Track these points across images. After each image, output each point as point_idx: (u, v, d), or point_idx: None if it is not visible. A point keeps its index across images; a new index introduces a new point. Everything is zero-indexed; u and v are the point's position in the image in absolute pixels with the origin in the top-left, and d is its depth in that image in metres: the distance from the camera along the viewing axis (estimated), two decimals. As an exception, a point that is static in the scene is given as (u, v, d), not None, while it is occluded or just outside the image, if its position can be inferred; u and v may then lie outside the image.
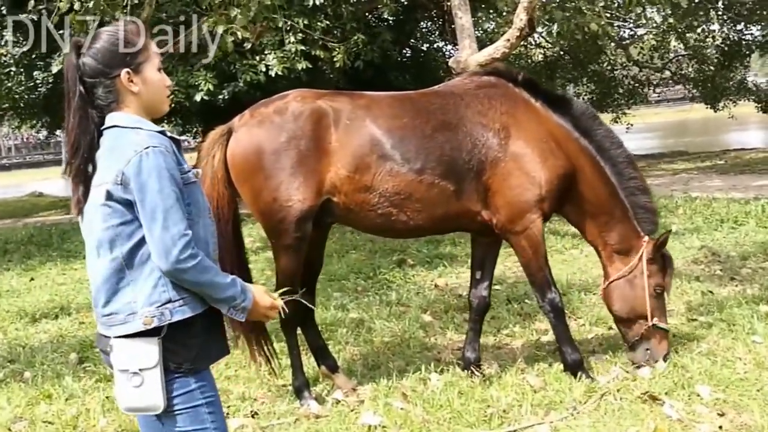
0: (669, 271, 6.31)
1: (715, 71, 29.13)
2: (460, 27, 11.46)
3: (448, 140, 5.96)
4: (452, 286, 9.67)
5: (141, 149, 3.17)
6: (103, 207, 3.23)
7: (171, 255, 3.14)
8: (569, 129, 6.19)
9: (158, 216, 3.14)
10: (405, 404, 5.75)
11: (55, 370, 7.22)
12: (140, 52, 3.37)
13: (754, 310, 7.44)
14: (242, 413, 5.92)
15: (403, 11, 22.91)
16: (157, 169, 3.16)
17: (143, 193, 3.15)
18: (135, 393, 3.23)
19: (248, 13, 9.09)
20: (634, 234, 6.25)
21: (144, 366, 3.22)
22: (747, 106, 30.77)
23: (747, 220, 12.41)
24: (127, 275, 3.25)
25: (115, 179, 3.18)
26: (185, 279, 3.21)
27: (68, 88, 3.32)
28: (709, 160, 25.46)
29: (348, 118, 5.93)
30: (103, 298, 3.29)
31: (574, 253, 11.26)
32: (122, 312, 3.25)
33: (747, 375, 5.96)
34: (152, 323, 3.21)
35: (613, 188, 6.23)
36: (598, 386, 5.87)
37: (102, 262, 3.28)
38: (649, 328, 6.17)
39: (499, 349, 7.09)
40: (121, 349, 3.26)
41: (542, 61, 31.40)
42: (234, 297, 3.32)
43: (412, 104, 6.16)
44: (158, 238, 3.15)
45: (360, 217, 6.08)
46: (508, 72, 6.49)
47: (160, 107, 3.49)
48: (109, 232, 3.24)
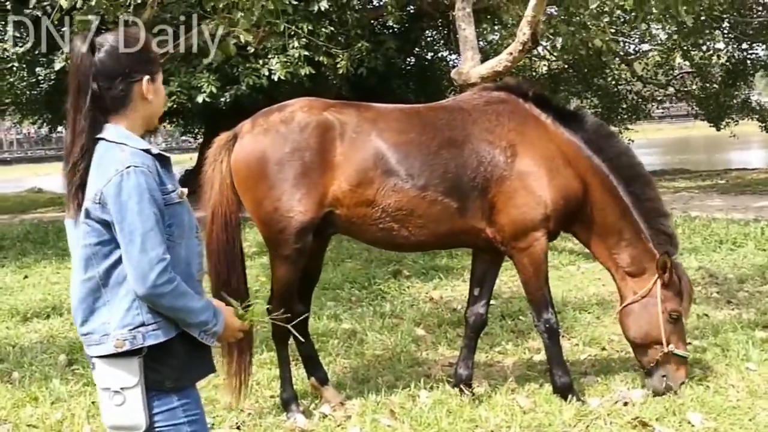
0: (686, 295, 6.10)
1: (719, 89, 29.08)
2: (464, 39, 11.42)
3: (453, 157, 5.89)
4: (447, 299, 9.61)
5: (122, 168, 3.11)
6: (82, 224, 3.21)
7: (148, 279, 3.09)
8: (580, 146, 6.10)
9: (136, 239, 3.08)
10: (392, 421, 5.70)
11: (44, 372, 7.16)
12: (156, 61, 3.38)
13: (750, 336, 7.35)
14: (227, 424, 5.87)
15: (409, 20, 22.93)
16: (137, 190, 3.10)
17: (122, 214, 3.10)
18: (117, 411, 3.22)
19: (251, 17, 9.02)
20: (647, 256, 6.09)
21: (125, 385, 3.19)
22: (750, 125, 30.71)
23: (746, 242, 12.32)
24: (103, 295, 3.23)
25: (94, 197, 3.15)
26: (161, 304, 3.15)
27: (78, 85, 3.23)
28: (710, 178, 25.40)
29: (354, 131, 5.87)
30: (80, 317, 3.26)
31: (571, 269, 11.18)
32: (97, 332, 3.24)
33: (739, 403, 5.89)
34: (124, 346, 3.17)
35: (626, 209, 6.09)
36: (588, 410, 5.80)
37: (79, 280, 3.25)
38: (666, 354, 6.00)
39: (490, 367, 7.02)
40: (102, 367, 3.23)
41: (547, 74, 31.36)
42: (206, 321, 3.27)
43: (419, 119, 6.11)
44: (136, 261, 3.09)
45: (361, 231, 6.04)
46: (518, 87, 6.39)
47: (157, 119, 3.49)
48: (87, 251, 3.21)
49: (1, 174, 52.77)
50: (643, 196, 6.14)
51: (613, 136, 6.34)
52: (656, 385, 6.06)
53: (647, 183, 6.23)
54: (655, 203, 6.20)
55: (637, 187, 6.13)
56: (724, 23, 25.47)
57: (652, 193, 6.21)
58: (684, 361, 6.09)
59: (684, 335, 6.17)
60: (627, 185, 6.11)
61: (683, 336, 6.14)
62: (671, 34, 25.36)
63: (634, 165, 6.22)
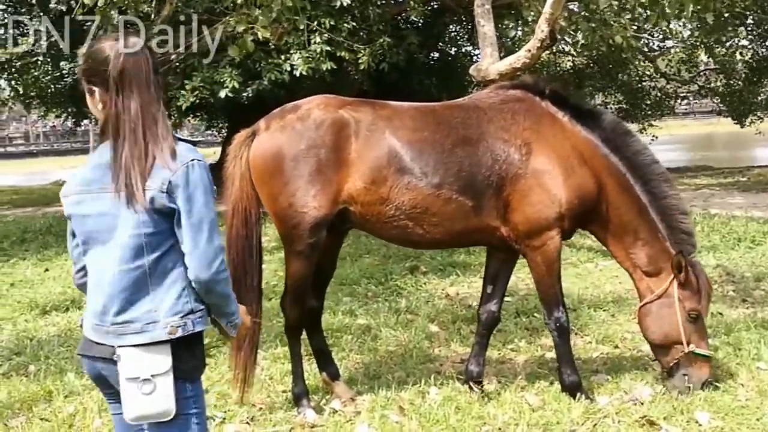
0: (704, 294, 6.05)
1: (743, 86, 28.89)
2: (482, 35, 11.41)
3: (468, 155, 5.92)
4: (463, 296, 9.64)
5: (188, 161, 3.28)
6: (138, 214, 3.26)
7: (213, 266, 3.28)
8: (597, 144, 6.09)
9: (204, 227, 3.26)
10: (401, 417, 5.75)
11: (59, 366, 7.27)
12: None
13: (762, 335, 7.35)
14: (239, 419, 5.93)
15: (432, 15, 22.85)
16: (202, 182, 3.29)
17: (190, 203, 3.26)
18: (145, 400, 3.26)
19: (270, 14, 9.07)
20: (665, 255, 6.06)
21: (156, 372, 3.27)
22: (775, 122, 30.54)
23: (765, 240, 12.30)
24: (149, 284, 3.31)
25: (161, 186, 3.25)
26: (217, 290, 3.36)
27: (146, 77, 3.34)
28: (731, 176, 25.23)
29: (368, 129, 5.92)
30: (117, 306, 3.31)
31: (589, 267, 11.19)
32: (140, 321, 3.30)
33: (748, 402, 5.90)
34: (177, 333, 3.29)
35: (642, 207, 6.08)
36: (596, 408, 5.82)
37: (120, 269, 3.30)
38: (687, 354, 5.98)
39: (502, 364, 7.05)
40: (131, 357, 3.29)
41: (571, 69, 31.28)
42: (235, 312, 3.51)
43: (434, 117, 6.13)
44: (203, 249, 3.26)
45: (376, 228, 6.10)
46: (535, 85, 6.39)
47: None
48: (138, 240, 3.28)
49: (27, 166, 53.16)
50: (661, 194, 6.11)
51: (630, 134, 6.29)
52: (678, 384, 6.03)
53: (665, 181, 6.19)
54: (674, 200, 6.16)
55: (654, 185, 6.11)
56: (748, 20, 25.27)
57: (670, 190, 6.17)
58: (706, 360, 6.04)
59: (705, 334, 6.13)
60: (644, 183, 6.10)
61: (704, 334, 6.11)
62: (693, 31, 25.17)
63: (652, 163, 6.18)
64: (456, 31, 28.47)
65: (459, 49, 28.68)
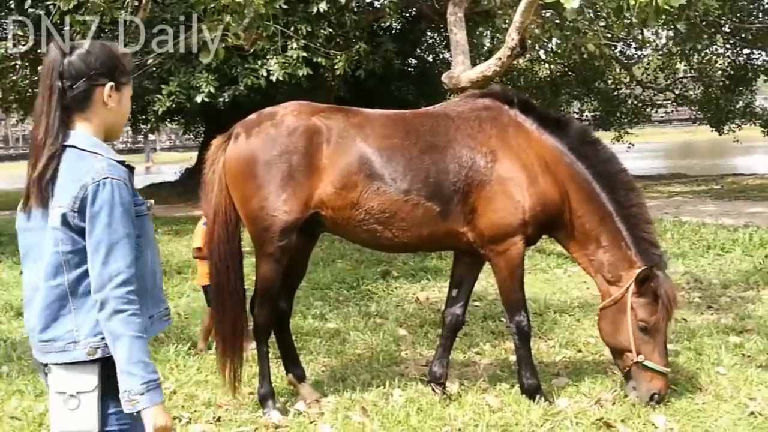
0: (661, 308, 5.94)
1: (720, 94, 29.10)
2: (455, 43, 11.55)
3: (435, 162, 6.02)
4: (433, 300, 9.73)
5: (99, 178, 3.13)
6: (55, 231, 3.19)
7: (104, 291, 3.10)
8: (562, 152, 6.16)
9: (101, 250, 3.11)
10: (364, 418, 5.83)
11: (31, 366, 7.28)
12: (125, 73, 3.41)
13: (724, 341, 7.49)
14: (205, 419, 6.00)
15: (408, 22, 22.97)
16: (110, 203, 3.13)
17: (93, 224, 3.11)
18: (69, 416, 3.19)
19: (242, 21, 9.15)
20: (625, 263, 6.08)
21: (82, 389, 3.19)
22: (755, 129, 30.72)
23: (734, 248, 12.45)
24: (69, 303, 3.22)
25: (72, 205, 3.14)
26: (112, 320, 3.11)
27: (49, 85, 3.26)
28: (705, 184, 25.48)
29: (340, 136, 6.02)
30: (41, 323, 3.23)
31: (558, 272, 11.32)
32: (62, 340, 3.22)
33: (705, 406, 6.02)
34: (96, 354, 3.17)
35: (607, 215, 6.12)
36: (556, 410, 5.92)
37: (44, 286, 3.23)
38: (637, 364, 5.97)
39: (466, 367, 7.15)
40: (59, 372, 3.22)
41: (547, 77, 31.45)
42: (134, 377, 3.11)
43: (404, 125, 6.24)
44: (97, 272, 3.11)
45: (347, 231, 6.22)
46: (503, 93, 6.48)
47: (119, 130, 3.52)
48: (57, 258, 3.20)
49: (6, 170, 52.84)
50: (627, 203, 6.16)
51: (598, 142, 6.34)
52: (628, 393, 6.08)
53: (632, 189, 6.23)
54: (639, 209, 6.20)
55: (621, 194, 6.16)
56: (725, 28, 25.49)
57: (637, 199, 6.21)
58: (660, 375, 5.96)
59: (662, 349, 6.02)
60: (611, 192, 6.15)
61: (660, 349, 6.00)
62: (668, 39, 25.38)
63: (619, 172, 6.24)
64: (433, 38, 28.59)
65: (436, 56, 28.81)
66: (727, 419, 5.76)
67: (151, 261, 3.40)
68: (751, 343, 7.41)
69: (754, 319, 8.34)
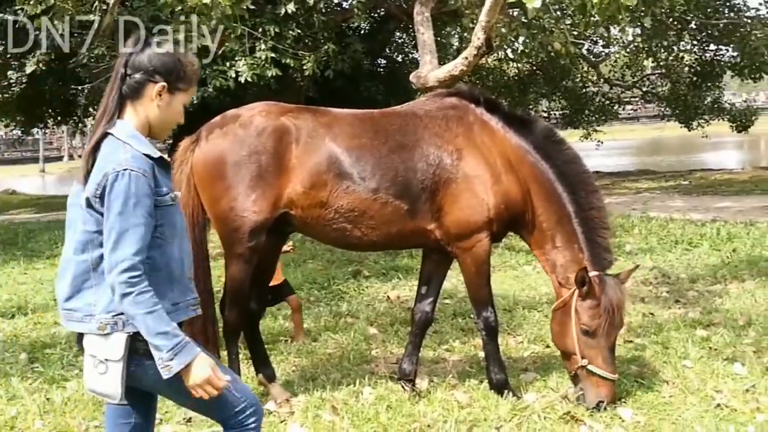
0: (603, 313, 5.85)
1: (688, 91, 29.33)
2: (422, 43, 11.60)
3: (403, 161, 6.05)
4: (404, 299, 9.78)
5: (120, 169, 3.38)
6: (83, 210, 3.49)
7: (110, 275, 3.36)
8: (527, 151, 6.18)
9: (112, 236, 3.35)
10: (334, 417, 5.85)
11: (3, 370, 7.28)
12: (186, 81, 3.67)
13: (691, 334, 7.56)
14: (176, 420, 6.01)
15: (377, 22, 22.99)
16: (124, 193, 3.36)
17: (108, 211, 3.38)
18: (99, 378, 3.50)
19: (208, 23, 9.16)
20: (575, 266, 6.03)
21: (109, 357, 3.46)
22: (724, 125, 31.01)
23: (701, 243, 12.59)
24: (91, 278, 3.51)
25: (95, 192, 3.42)
26: (123, 302, 3.35)
27: (116, 72, 3.61)
28: (673, 179, 25.70)
29: (309, 135, 6.05)
30: (67, 293, 3.56)
31: (527, 269, 11.41)
32: (81, 311, 3.52)
33: (671, 399, 6.08)
34: (105, 330, 3.45)
35: (565, 216, 6.12)
36: (523, 405, 5.95)
37: (74, 259, 3.54)
38: (582, 368, 5.92)
39: (436, 364, 7.19)
40: (92, 337, 3.52)
41: (516, 76, 31.59)
42: (160, 347, 3.37)
43: (372, 124, 6.27)
44: (106, 256, 3.37)
45: (316, 231, 6.24)
46: (470, 93, 6.52)
47: (163, 132, 3.76)
48: (85, 235, 3.50)
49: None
50: (587, 206, 6.15)
51: (562, 142, 6.34)
52: (576, 394, 6.01)
53: (593, 192, 6.23)
54: (598, 213, 6.17)
55: (581, 195, 6.16)
56: (691, 24, 25.71)
57: (597, 203, 6.19)
58: (607, 381, 5.87)
59: (609, 355, 5.93)
60: (571, 192, 6.15)
61: (606, 355, 5.91)
62: (635, 36, 25.57)
63: (581, 173, 6.25)
64: (402, 38, 28.63)
65: (405, 56, 28.82)
66: (693, 412, 5.81)
67: (179, 249, 3.64)
68: (718, 337, 7.48)
69: (721, 313, 8.42)
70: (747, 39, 24.05)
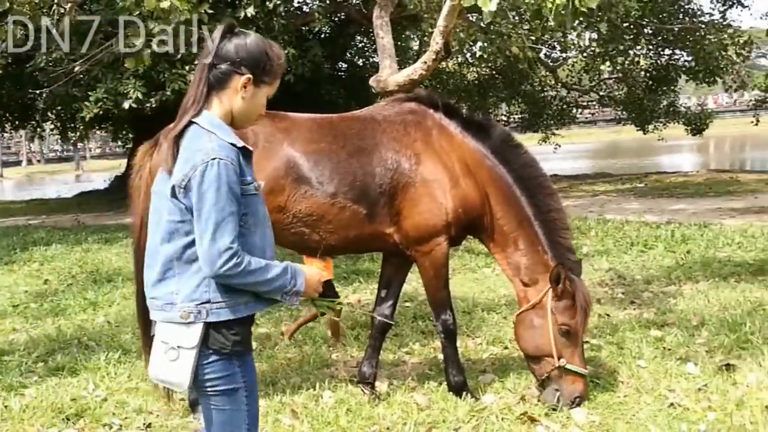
0: (579, 309, 5.96)
1: (644, 94, 29.67)
2: (381, 47, 11.66)
3: (362, 165, 6.10)
4: (365, 302, 9.78)
5: (208, 159, 3.41)
6: (168, 200, 3.52)
7: (215, 265, 3.38)
8: (484, 155, 6.24)
9: (210, 227, 3.37)
10: (293, 420, 5.89)
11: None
12: (271, 74, 3.71)
13: (645, 335, 7.67)
14: (136, 425, 6.02)
15: (337, 26, 23.04)
16: (217, 182, 3.39)
17: (201, 203, 3.39)
18: (167, 366, 3.51)
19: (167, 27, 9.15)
20: (542, 267, 6.10)
21: (183, 345, 3.49)
22: (680, 128, 31.40)
23: (656, 244, 12.76)
24: (175, 267, 3.53)
25: (181, 182, 3.45)
26: (231, 283, 3.45)
27: (204, 59, 3.64)
28: (629, 182, 25.93)
29: (267, 140, 6.07)
30: (152, 280, 3.61)
31: (486, 271, 11.48)
32: (162, 299, 3.55)
33: (626, 399, 6.17)
34: (188, 318, 3.47)
35: (525, 218, 6.18)
36: (482, 406, 6.03)
37: (159, 248, 3.58)
38: (558, 368, 5.95)
39: (396, 366, 7.25)
40: (165, 324, 3.56)
41: (476, 80, 31.76)
42: (283, 286, 3.54)
43: (331, 129, 6.31)
44: (206, 248, 3.38)
45: (274, 235, 6.21)
46: (428, 97, 6.57)
47: (247, 124, 3.86)
48: (170, 225, 3.52)
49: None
50: (545, 208, 6.22)
51: (519, 146, 6.41)
52: (548, 399, 6.02)
53: (550, 195, 6.30)
54: (557, 215, 6.26)
55: (539, 198, 6.23)
56: (646, 29, 26.02)
57: (555, 205, 6.28)
58: (580, 377, 5.99)
59: (580, 350, 6.06)
60: (530, 196, 6.22)
61: (579, 351, 6.03)
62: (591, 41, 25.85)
63: (539, 176, 6.32)
64: (362, 42, 28.72)
65: (366, 60, 28.94)
66: (647, 411, 5.90)
67: (261, 239, 3.66)
68: (672, 337, 7.59)
69: (675, 313, 8.54)
70: (701, 43, 24.48)
